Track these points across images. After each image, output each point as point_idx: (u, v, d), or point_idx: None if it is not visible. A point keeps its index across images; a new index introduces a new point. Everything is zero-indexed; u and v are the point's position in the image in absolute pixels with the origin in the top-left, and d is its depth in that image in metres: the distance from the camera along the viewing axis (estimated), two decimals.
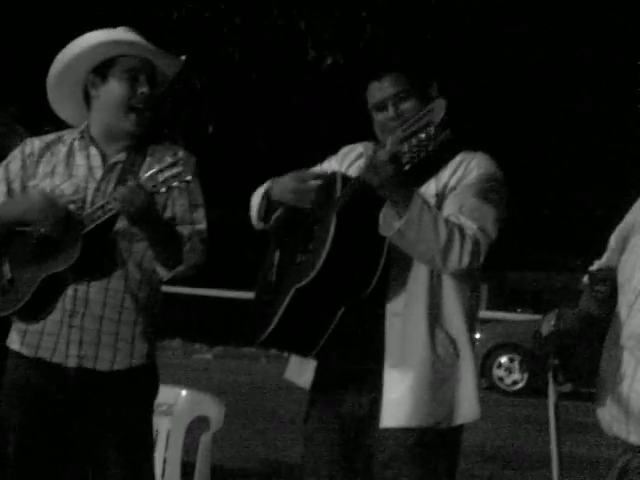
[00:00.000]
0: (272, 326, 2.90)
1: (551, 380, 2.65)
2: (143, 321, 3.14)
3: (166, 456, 3.92)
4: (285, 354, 3.18)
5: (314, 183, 2.94)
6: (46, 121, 3.84)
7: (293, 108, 16.41)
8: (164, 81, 3.28)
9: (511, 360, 12.89)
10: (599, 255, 2.69)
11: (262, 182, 3.16)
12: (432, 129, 2.60)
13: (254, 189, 3.17)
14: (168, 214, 3.13)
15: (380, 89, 2.99)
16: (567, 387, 2.62)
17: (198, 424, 3.96)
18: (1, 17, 13.20)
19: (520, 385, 12.70)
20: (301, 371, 3.08)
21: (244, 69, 16.17)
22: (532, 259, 19.80)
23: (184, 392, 3.89)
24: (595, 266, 2.66)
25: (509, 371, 12.91)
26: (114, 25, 3.24)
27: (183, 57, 3.29)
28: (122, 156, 3.17)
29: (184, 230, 3.12)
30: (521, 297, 19.42)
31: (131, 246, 3.10)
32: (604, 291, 2.51)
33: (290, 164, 3.20)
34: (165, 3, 15.34)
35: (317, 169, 3.16)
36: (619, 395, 2.40)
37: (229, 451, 6.55)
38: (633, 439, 2.39)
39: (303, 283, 2.82)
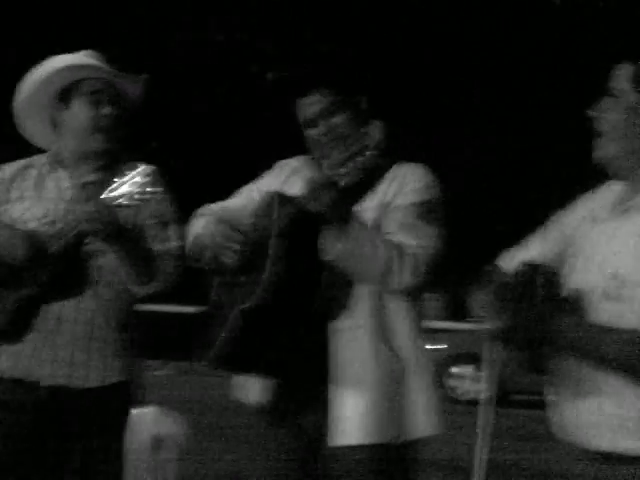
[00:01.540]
0: (218, 348, 2.91)
1: (488, 347, 2.58)
2: (116, 339, 3.18)
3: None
4: None
5: (239, 242, 2.91)
6: None
7: (242, 122, 16.37)
8: (131, 101, 3.33)
9: (473, 370, 12.90)
10: None
11: (216, 199, 3.20)
12: (370, 152, 2.65)
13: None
14: (138, 230, 3.17)
15: (309, 105, 3.02)
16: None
17: (160, 442, 3.94)
18: None
19: (482, 395, 12.66)
20: (248, 389, 3.09)
21: (188, 84, 16.12)
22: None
23: (145, 410, 3.87)
24: (524, 256, 2.58)
25: (470, 380, 12.93)
26: (62, 47, 3.34)
27: (144, 76, 3.34)
28: (92, 176, 3.23)
29: (155, 247, 3.17)
30: None
31: (102, 265, 3.14)
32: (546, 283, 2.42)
33: (246, 178, 3.25)
34: (105, 22, 15.26)
35: (253, 188, 3.19)
36: (577, 398, 2.38)
37: (190, 469, 6.51)
38: (596, 444, 2.34)
39: (248, 305, 2.83)
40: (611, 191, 2.52)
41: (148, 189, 2.94)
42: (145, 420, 3.91)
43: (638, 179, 2.42)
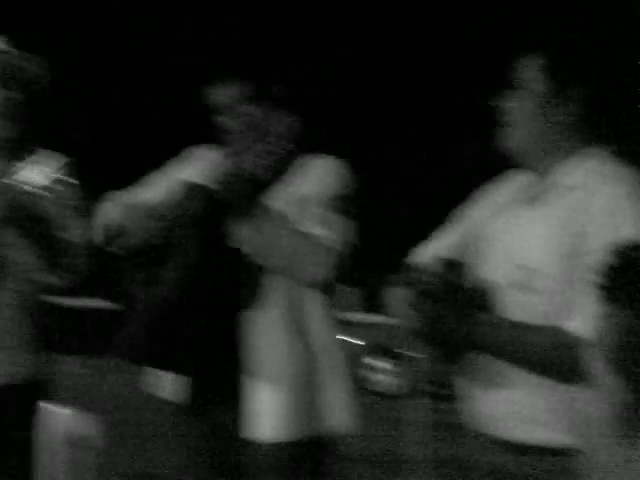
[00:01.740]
0: (134, 343, 2.89)
1: (405, 342, 2.58)
2: (31, 334, 3.13)
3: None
4: None
5: (155, 228, 2.87)
6: None
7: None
8: (37, 85, 3.25)
9: (390, 363, 12.91)
10: None
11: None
12: (282, 142, 2.68)
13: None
14: (47, 220, 3.10)
15: (222, 93, 2.99)
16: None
17: (76, 442, 3.92)
18: None
19: (399, 388, 12.68)
20: (164, 385, 3.05)
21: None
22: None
23: (61, 409, 3.84)
24: (435, 251, 2.55)
25: (387, 374, 12.93)
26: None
27: (43, 59, 3.25)
28: (5, 166, 3.14)
29: (65, 237, 3.11)
30: None
31: (7, 254, 3.07)
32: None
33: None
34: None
35: (165, 177, 3.13)
36: (490, 389, 2.36)
37: (106, 468, 6.47)
38: (507, 435, 2.33)
39: (162, 298, 2.83)
40: (518, 181, 2.52)
41: (59, 178, 2.93)
42: (60, 419, 3.86)
43: (546, 169, 2.42)
